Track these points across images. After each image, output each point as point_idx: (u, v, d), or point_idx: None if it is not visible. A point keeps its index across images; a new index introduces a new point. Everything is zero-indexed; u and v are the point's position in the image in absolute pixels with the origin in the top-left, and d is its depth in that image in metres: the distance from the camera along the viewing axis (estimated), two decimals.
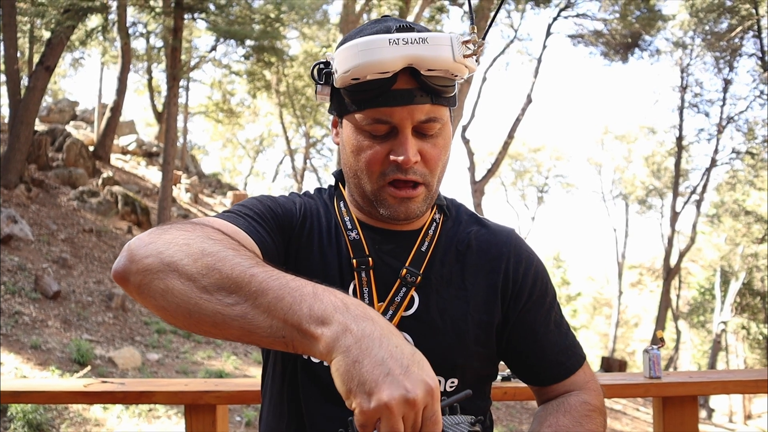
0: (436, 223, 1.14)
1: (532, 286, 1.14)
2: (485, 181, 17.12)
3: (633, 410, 12.28)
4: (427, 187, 1.04)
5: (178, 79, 13.43)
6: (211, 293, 0.73)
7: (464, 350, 1.07)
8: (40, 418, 4.79)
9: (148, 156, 19.64)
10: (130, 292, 0.80)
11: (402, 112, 0.97)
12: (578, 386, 1.15)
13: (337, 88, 1.02)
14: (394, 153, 0.99)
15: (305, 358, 1.06)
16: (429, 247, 1.10)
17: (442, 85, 0.98)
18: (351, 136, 1.03)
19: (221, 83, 25.23)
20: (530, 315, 1.13)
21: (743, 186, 20.97)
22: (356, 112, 1.00)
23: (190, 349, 7.97)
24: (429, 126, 1.00)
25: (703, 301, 27.46)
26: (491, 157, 21.80)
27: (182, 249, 0.77)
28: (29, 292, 7.73)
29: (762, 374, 2.08)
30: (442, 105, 1.00)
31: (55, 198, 12.03)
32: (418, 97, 0.97)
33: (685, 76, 19.73)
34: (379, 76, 0.95)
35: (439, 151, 1.03)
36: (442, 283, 1.09)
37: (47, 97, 21.71)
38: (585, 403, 1.11)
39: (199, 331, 0.76)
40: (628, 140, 30.36)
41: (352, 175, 1.06)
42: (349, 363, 0.65)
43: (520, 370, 1.18)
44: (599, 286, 40.66)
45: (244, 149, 35.57)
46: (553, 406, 1.11)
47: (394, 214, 1.04)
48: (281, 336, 0.70)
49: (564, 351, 1.15)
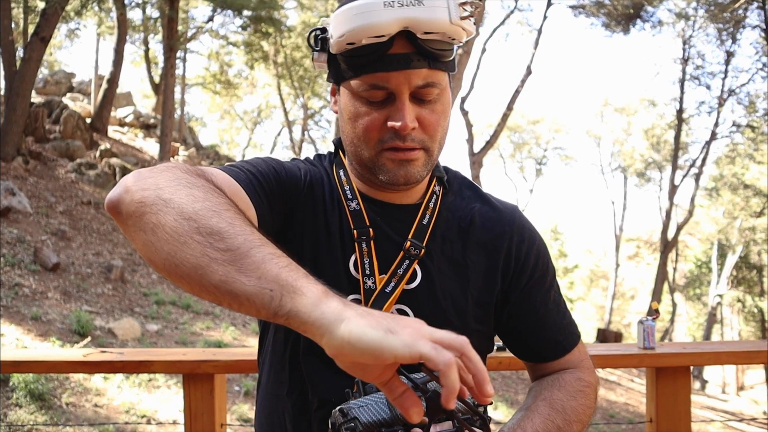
0: (436, 195, 1.13)
1: (534, 265, 1.13)
2: (483, 153, 17.07)
3: (627, 381, 12.45)
4: (427, 152, 1.02)
5: (175, 50, 13.30)
6: (204, 236, 0.70)
7: (464, 327, 1.07)
8: (41, 388, 4.85)
9: (145, 128, 19.53)
10: (120, 222, 0.78)
11: (399, 77, 0.95)
12: (573, 364, 1.16)
13: (334, 55, 1.00)
14: (392, 119, 0.97)
15: None
16: (430, 221, 1.10)
17: (439, 49, 0.95)
18: (348, 102, 1.01)
19: (218, 54, 24.96)
20: (531, 294, 1.13)
21: (743, 159, 20.95)
22: (353, 78, 0.98)
23: (189, 320, 8.03)
24: (427, 91, 0.98)
25: (700, 274, 27.65)
26: (490, 129, 21.71)
27: (182, 190, 0.76)
28: (28, 264, 7.76)
29: (754, 346, 2.11)
30: (440, 70, 0.98)
31: (52, 170, 12.00)
32: (415, 62, 0.95)
33: (687, 48, 19.56)
34: (375, 41, 0.92)
35: (437, 117, 1.01)
36: (443, 259, 1.09)
37: (43, 68, 21.48)
38: (579, 380, 1.13)
39: (177, 276, 0.72)
40: (628, 113, 30.20)
41: (350, 143, 1.04)
42: (362, 313, 0.65)
43: (516, 347, 1.18)
44: (596, 258, 40.86)
45: (242, 121, 35.39)
46: (548, 382, 1.13)
47: (394, 179, 1.02)
48: (268, 289, 0.67)
49: (561, 330, 1.16)
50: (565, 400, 1.07)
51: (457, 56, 1.04)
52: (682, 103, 19.88)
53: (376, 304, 1.03)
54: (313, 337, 0.66)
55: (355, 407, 0.82)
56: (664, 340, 23.20)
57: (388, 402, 0.81)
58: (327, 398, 1.02)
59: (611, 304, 28.97)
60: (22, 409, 4.61)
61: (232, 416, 5.30)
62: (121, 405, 5.11)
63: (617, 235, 30.03)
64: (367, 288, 1.04)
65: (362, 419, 0.81)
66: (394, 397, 0.69)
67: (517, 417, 1.04)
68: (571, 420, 1.05)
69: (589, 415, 1.10)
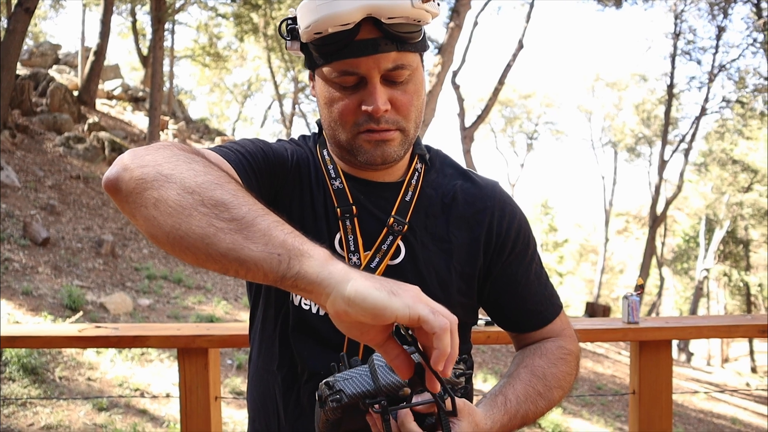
0: (418, 172, 1.15)
1: (515, 239, 1.16)
2: (475, 128, 17.03)
3: (615, 354, 12.65)
4: (403, 132, 1.04)
5: (163, 22, 13.11)
6: (209, 207, 0.72)
7: (447, 300, 1.09)
8: (34, 362, 4.88)
9: (134, 101, 19.31)
10: (120, 200, 0.78)
11: (368, 62, 0.97)
12: (555, 333, 1.20)
13: (307, 43, 1.02)
14: (365, 103, 0.99)
15: (296, 304, 1.09)
16: (413, 197, 1.12)
17: (406, 32, 0.97)
18: (322, 89, 1.04)
19: (208, 26, 24.60)
20: (512, 267, 1.16)
21: (732, 135, 21.04)
22: (324, 65, 1.01)
23: (180, 294, 8.06)
24: (397, 73, 1.00)
25: (687, 248, 27.96)
26: (481, 104, 21.63)
27: (182, 165, 0.77)
28: (18, 238, 7.74)
29: (734, 320, 2.16)
30: (409, 51, 1.00)
31: (40, 144, 11.89)
32: (382, 46, 0.97)
33: (679, 23, 19.49)
34: (341, 29, 0.95)
35: (410, 97, 1.03)
36: (426, 234, 1.11)
37: (28, 40, 21.11)
38: (561, 348, 1.16)
39: (182, 248, 0.73)
40: (619, 88, 30.20)
41: (328, 127, 1.07)
42: (367, 275, 0.69)
43: (500, 318, 1.22)
44: (586, 233, 41.15)
45: (232, 94, 35.07)
46: (530, 350, 1.17)
47: (371, 159, 1.04)
48: (276, 254, 0.70)
49: (543, 301, 1.19)
50: (546, 367, 1.11)
51: (427, 36, 1.06)
52: (673, 78, 19.88)
53: None
54: (319, 298, 0.70)
55: (341, 380, 0.86)
56: (652, 314, 23.53)
57: (371, 374, 0.85)
58: (316, 371, 1.05)
59: (600, 278, 29.26)
60: (15, 383, 4.65)
61: (226, 389, 5.36)
62: (114, 378, 5.15)
63: (607, 210, 30.24)
64: (352, 264, 1.06)
65: (347, 391, 0.84)
66: (390, 358, 0.73)
67: (499, 384, 1.08)
68: (551, 386, 1.09)
69: (570, 381, 1.14)
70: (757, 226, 22.91)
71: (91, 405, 4.59)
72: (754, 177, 21.65)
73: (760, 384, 15.57)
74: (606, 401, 8.21)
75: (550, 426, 6.47)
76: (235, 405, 5.08)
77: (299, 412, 1.08)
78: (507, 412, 1.01)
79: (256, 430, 1.17)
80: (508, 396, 1.03)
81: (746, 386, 13.64)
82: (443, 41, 12.52)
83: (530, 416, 1.05)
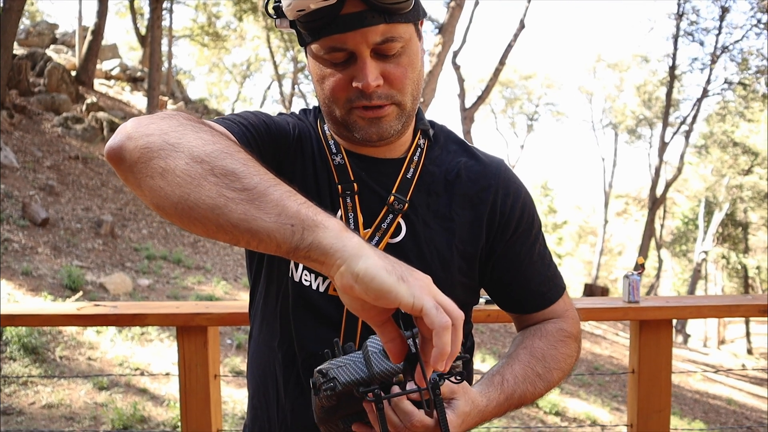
0: (420, 149, 1.13)
1: (519, 217, 1.14)
2: (475, 108, 16.96)
3: (613, 335, 12.72)
4: (399, 105, 1.01)
5: (161, 1, 12.97)
6: (219, 177, 0.70)
7: (448, 279, 1.08)
8: (35, 342, 4.90)
9: (132, 81, 19.19)
10: (123, 170, 0.76)
11: (355, 37, 0.93)
12: (557, 315, 1.18)
13: (293, 21, 0.99)
14: (356, 79, 0.96)
15: (296, 281, 1.08)
16: (415, 174, 1.10)
17: (393, 3, 0.92)
18: (314, 65, 1.01)
19: (206, 5, 24.38)
20: (516, 246, 1.14)
21: (733, 117, 20.96)
22: (312, 42, 0.98)
23: (180, 274, 8.07)
24: (388, 47, 0.96)
25: (686, 230, 27.99)
26: (482, 84, 21.51)
27: (190, 134, 0.75)
28: (17, 219, 7.73)
29: (734, 300, 2.16)
30: (399, 23, 0.95)
31: (38, 124, 11.83)
32: (369, 19, 0.92)
33: (682, 3, 19.33)
34: (323, 4, 0.91)
35: (404, 70, 0.99)
36: (428, 213, 1.09)
37: (24, 19, 20.93)
38: (561, 330, 1.15)
39: (191, 219, 0.72)
40: (621, 69, 30.02)
41: (322, 103, 1.04)
42: (381, 254, 0.69)
43: (502, 298, 1.20)
44: (585, 214, 41.19)
45: (231, 74, 34.86)
46: (531, 331, 1.15)
47: (367, 136, 1.02)
48: (289, 224, 0.68)
49: (546, 282, 1.17)
50: (546, 349, 1.10)
51: (419, 2, 1.01)
52: (675, 59, 19.75)
53: None
54: (329, 269, 0.69)
55: (334, 367, 0.85)
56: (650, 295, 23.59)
57: (365, 361, 0.85)
58: (313, 351, 1.04)
59: (599, 260, 29.35)
60: (16, 362, 4.67)
61: (225, 368, 5.39)
62: (115, 358, 5.18)
63: (606, 192, 30.23)
64: None
65: (341, 379, 0.84)
66: (386, 340, 0.73)
67: (498, 364, 1.07)
68: (551, 367, 1.09)
69: (570, 363, 1.13)
70: (756, 208, 22.92)
71: (91, 384, 4.62)
72: (755, 159, 21.60)
73: (756, 365, 15.69)
74: (603, 381, 8.27)
75: (548, 406, 6.52)
76: (235, 384, 5.10)
77: (299, 391, 1.07)
78: (503, 391, 1.01)
79: (254, 406, 1.17)
80: (506, 376, 1.02)
81: (742, 367, 13.74)
82: (444, 21, 12.41)
83: (528, 397, 1.05)
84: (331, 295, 1.05)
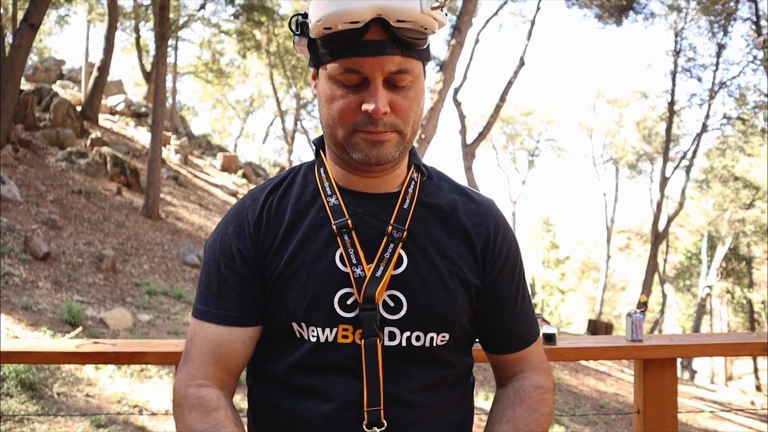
0: (414, 182, 1.16)
1: (506, 256, 1.17)
2: (476, 144, 17.06)
3: (618, 372, 12.55)
4: (400, 134, 1.06)
5: (166, 38, 13.18)
6: None
7: (454, 306, 1.10)
8: (32, 377, 4.84)
9: (136, 116, 19.39)
10: None
11: (373, 63, 1.00)
12: (532, 363, 1.21)
13: (314, 40, 1.04)
14: (365, 103, 1.01)
15: (307, 339, 1.09)
16: (411, 205, 1.13)
17: (412, 38, 1.00)
18: (325, 85, 1.06)
19: (210, 43, 24.78)
20: (500, 284, 1.17)
21: (733, 152, 21.03)
22: (330, 62, 1.03)
23: (180, 310, 8.02)
24: (400, 77, 1.02)
25: (690, 265, 27.83)
26: (483, 120, 21.68)
27: None
28: (19, 253, 7.72)
29: (739, 338, 2.13)
30: (413, 58, 1.03)
31: (42, 159, 11.91)
32: (388, 48, 0.99)
33: (679, 40, 19.59)
34: (350, 26, 0.97)
35: (410, 103, 1.05)
36: (427, 241, 1.12)
37: (32, 55, 21.29)
38: (538, 388, 1.18)
39: None
40: (620, 105, 30.27)
41: (326, 124, 1.08)
42: None
43: (480, 335, 1.22)
44: (588, 250, 41.03)
45: (234, 110, 35.22)
46: (509, 396, 1.18)
47: (366, 158, 1.05)
48: None
49: (524, 323, 1.21)
50: (528, 416, 1.13)
51: (430, 46, 1.08)
52: (674, 95, 19.95)
53: (369, 290, 1.06)
54: None
55: None
56: (654, 332, 23.38)
57: None
58: (344, 400, 1.07)
59: (602, 296, 29.13)
60: (13, 399, 4.61)
61: None
62: (113, 395, 5.11)
63: (608, 227, 30.17)
64: (357, 276, 1.07)
65: None
66: None
67: None
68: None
69: (549, 420, 1.17)
70: (759, 242, 22.83)
71: (89, 421, 4.55)
72: (756, 194, 21.61)
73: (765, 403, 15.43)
74: (609, 420, 8.13)
75: None
76: None
77: None
78: None
79: None
80: None
81: (751, 405, 13.51)
82: (445, 58, 12.59)
83: None
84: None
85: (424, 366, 1.09)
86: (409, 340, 1.08)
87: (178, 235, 11.77)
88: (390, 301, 1.08)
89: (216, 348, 1.11)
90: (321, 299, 1.07)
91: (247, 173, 20.27)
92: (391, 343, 1.07)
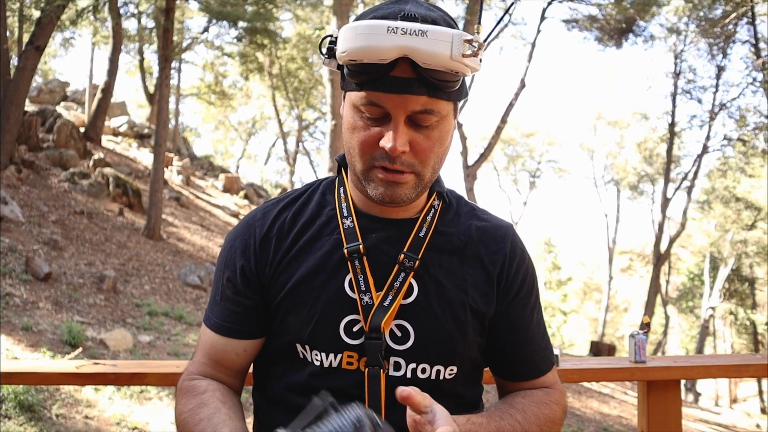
0: (434, 209, 1.14)
1: (521, 282, 1.15)
2: (477, 166, 17.11)
3: (621, 394, 12.43)
4: (418, 176, 1.02)
5: (170, 61, 13.29)
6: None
7: (464, 338, 1.08)
8: (31, 399, 4.81)
9: (139, 138, 19.50)
10: None
11: (396, 100, 0.96)
12: (546, 385, 1.18)
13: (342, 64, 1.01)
14: (384, 139, 0.97)
15: (310, 361, 1.08)
16: (427, 233, 1.10)
17: (441, 80, 0.95)
18: (349, 112, 1.03)
19: (213, 65, 25.00)
20: (515, 311, 1.14)
21: (734, 173, 21.06)
22: (354, 90, 1.00)
23: (181, 331, 7.99)
24: (424, 117, 0.98)
25: (692, 286, 27.70)
26: (484, 142, 21.76)
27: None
28: (20, 273, 7.71)
29: (743, 359, 2.12)
30: (441, 99, 0.98)
31: (45, 179, 11.96)
32: (414, 88, 0.95)
33: (679, 63, 19.73)
34: (377, 62, 0.94)
35: (431, 144, 1.01)
36: (440, 271, 1.09)
37: (37, 77, 21.45)
38: (547, 394, 1.15)
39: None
40: (621, 126, 30.38)
41: (347, 152, 1.06)
42: None
43: (493, 362, 1.19)
44: (590, 271, 40.87)
45: (237, 132, 35.38)
46: (514, 393, 1.16)
47: (380, 196, 1.03)
48: None
49: (539, 351, 1.17)
50: (527, 405, 1.10)
51: (465, 85, 1.03)
52: (674, 116, 20.03)
53: (375, 319, 1.04)
54: None
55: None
56: (657, 353, 23.21)
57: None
58: None
59: (604, 317, 28.98)
60: (11, 421, 4.57)
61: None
62: (112, 417, 5.06)
63: (610, 248, 30.10)
64: (364, 304, 1.05)
65: None
66: None
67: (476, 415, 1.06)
68: (530, 421, 1.07)
69: (550, 427, 1.11)
70: (761, 263, 22.75)
71: None
72: (758, 215, 21.58)
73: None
74: None
75: None
76: None
77: None
78: (485, 417, 1.03)
79: None
80: (473, 419, 1.02)
81: (756, 428, 13.36)
82: None
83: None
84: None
85: None
86: (415, 372, 1.06)
87: (179, 255, 11.76)
88: (397, 331, 1.06)
89: (213, 354, 1.14)
90: (327, 324, 1.05)
91: (249, 194, 20.32)
92: (396, 374, 1.05)
